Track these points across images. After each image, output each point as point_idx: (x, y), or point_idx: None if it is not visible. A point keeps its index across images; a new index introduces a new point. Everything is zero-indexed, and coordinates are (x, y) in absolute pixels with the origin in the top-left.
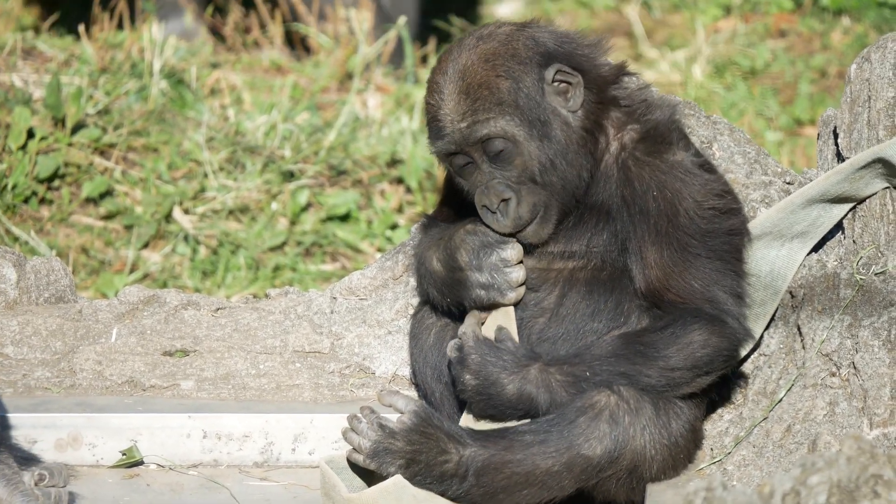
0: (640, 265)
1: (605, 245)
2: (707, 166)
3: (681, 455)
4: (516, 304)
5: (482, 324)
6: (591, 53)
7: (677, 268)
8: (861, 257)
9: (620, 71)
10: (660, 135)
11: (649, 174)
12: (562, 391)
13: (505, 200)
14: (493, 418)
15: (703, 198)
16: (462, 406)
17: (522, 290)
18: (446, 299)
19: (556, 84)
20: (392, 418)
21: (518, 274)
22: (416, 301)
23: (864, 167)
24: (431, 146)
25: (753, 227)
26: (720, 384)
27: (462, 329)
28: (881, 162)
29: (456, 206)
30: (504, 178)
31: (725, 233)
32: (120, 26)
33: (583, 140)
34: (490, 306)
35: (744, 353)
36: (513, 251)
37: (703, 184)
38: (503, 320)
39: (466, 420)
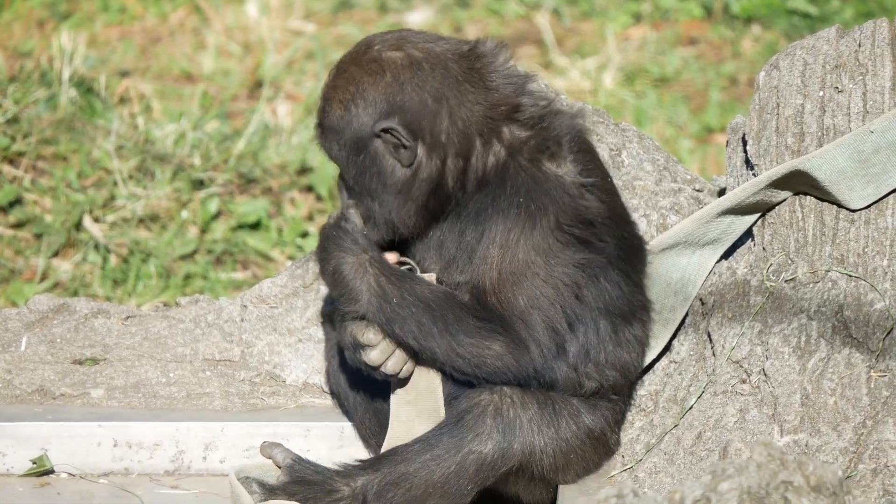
0: (480, 262)
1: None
2: (590, 188)
3: (572, 455)
4: None
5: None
6: (478, 98)
7: (511, 278)
8: (771, 264)
9: (521, 91)
10: (548, 143)
11: (523, 180)
12: (368, 292)
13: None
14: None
15: (567, 220)
16: (377, 412)
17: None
18: None
19: (387, 136)
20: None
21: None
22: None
23: (781, 178)
24: None
25: (667, 237)
26: (630, 388)
27: None
28: (800, 174)
29: None
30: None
31: (572, 264)
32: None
33: (425, 184)
34: None
35: (541, 380)
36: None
37: (573, 206)
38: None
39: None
